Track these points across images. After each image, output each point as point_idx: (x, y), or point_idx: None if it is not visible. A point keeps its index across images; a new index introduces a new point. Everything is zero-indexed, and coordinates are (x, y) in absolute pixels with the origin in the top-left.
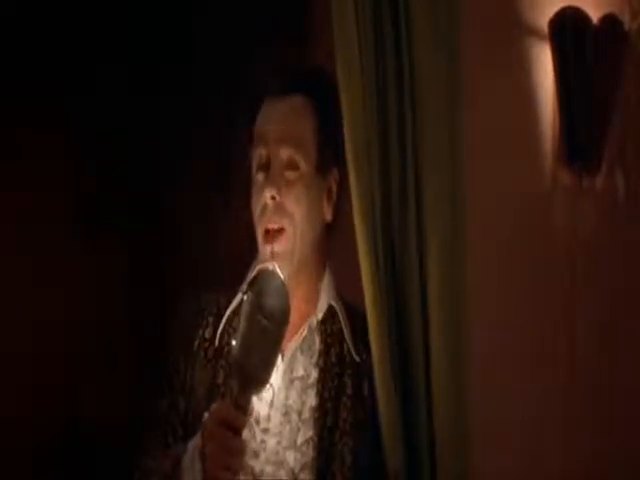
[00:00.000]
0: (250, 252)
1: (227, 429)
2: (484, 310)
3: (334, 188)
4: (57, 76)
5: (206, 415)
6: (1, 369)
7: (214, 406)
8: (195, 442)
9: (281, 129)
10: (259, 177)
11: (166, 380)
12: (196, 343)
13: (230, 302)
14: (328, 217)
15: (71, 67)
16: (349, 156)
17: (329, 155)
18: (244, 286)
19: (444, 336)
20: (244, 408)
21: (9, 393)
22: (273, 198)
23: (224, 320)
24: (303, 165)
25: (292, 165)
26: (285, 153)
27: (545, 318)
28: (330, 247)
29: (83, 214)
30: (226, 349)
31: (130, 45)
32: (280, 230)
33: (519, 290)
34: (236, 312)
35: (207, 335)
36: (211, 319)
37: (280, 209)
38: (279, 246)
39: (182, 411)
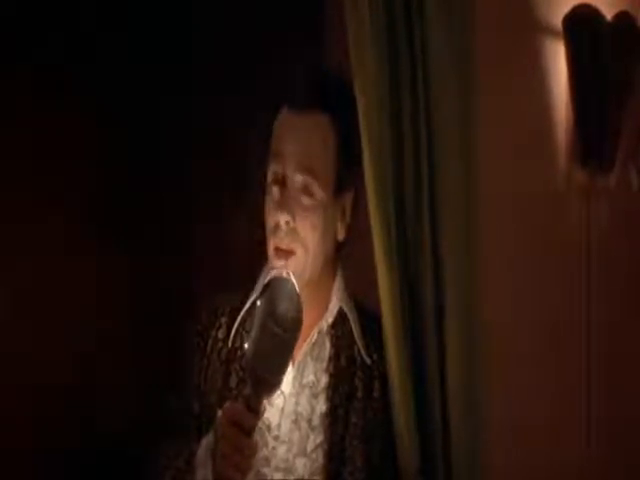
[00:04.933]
0: (260, 254)
1: (239, 429)
2: (499, 309)
3: (348, 208)
4: (68, 76)
5: (219, 413)
6: (2, 369)
7: (227, 405)
8: (208, 440)
9: (301, 154)
10: (274, 190)
11: (180, 381)
12: (209, 344)
13: (243, 303)
14: (341, 237)
15: (86, 65)
16: (365, 160)
17: (347, 177)
18: (257, 287)
19: (459, 338)
20: (256, 410)
21: (9, 393)
22: (287, 223)
23: (237, 322)
24: (319, 193)
25: (308, 191)
26: (302, 179)
27: (560, 317)
28: (342, 256)
29: (87, 214)
30: (239, 352)
31: (139, 46)
32: (291, 252)
33: (534, 288)
34: (249, 313)
35: (220, 335)
36: (224, 320)
37: (293, 233)
38: (291, 266)
39: (196, 413)
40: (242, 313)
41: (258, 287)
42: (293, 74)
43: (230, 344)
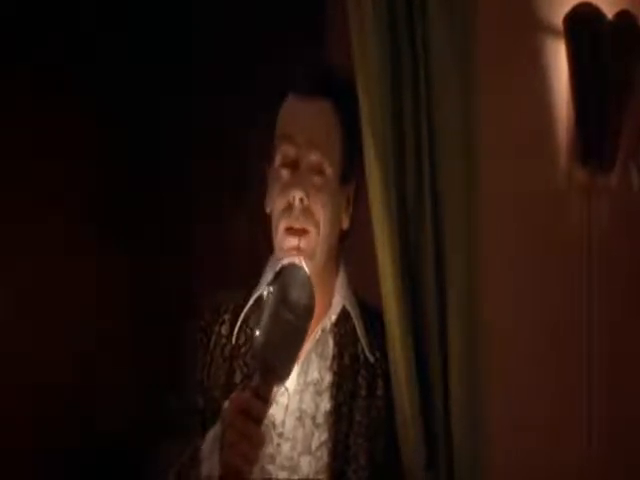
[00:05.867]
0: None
1: (247, 418)
2: (499, 309)
3: (351, 198)
4: (68, 76)
5: (226, 404)
6: (2, 369)
7: (234, 394)
8: (215, 431)
9: (312, 132)
10: (284, 174)
11: (180, 381)
12: (213, 339)
13: (246, 300)
14: (345, 226)
15: (86, 65)
16: (369, 158)
17: (351, 165)
18: (262, 282)
19: (460, 337)
20: (265, 399)
21: (9, 393)
22: (302, 200)
23: (241, 319)
24: (329, 171)
25: (319, 170)
26: (315, 157)
27: (561, 317)
28: (343, 251)
29: (87, 214)
30: (243, 349)
31: (139, 46)
32: (304, 231)
33: (535, 288)
34: (252, 311)
35: (224, 332)
36: (227, 316)
37: (307, 212)
38: (303, 244)
39: (200, 407)
40: (245, 310)
41: (263, 281)
42: (297, 64)
43: (234, 341)
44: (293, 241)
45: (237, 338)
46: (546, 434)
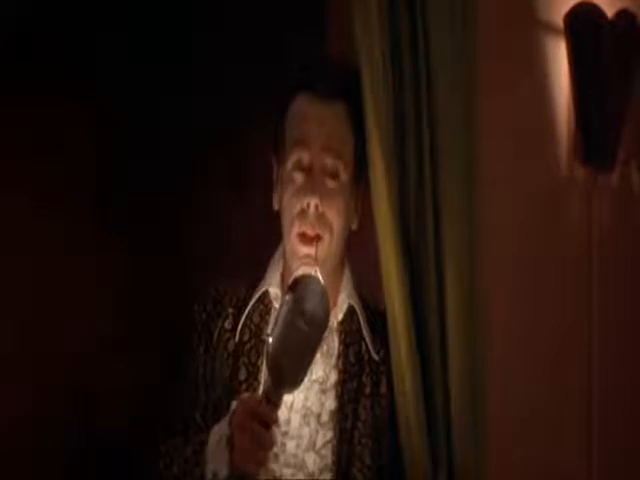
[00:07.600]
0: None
1: (258, 422)
2: (500, 308)
3: (361, 198)
4: (68, 76)
5: (234, 404)
6: (2, 369)
7: (244, 396)
8: (221, 429)
9: (327, 136)
10: (297, 177)
11: (186, 372)
12: (215, 334)
13: (249, 294)
14: (354, 226)
15: (90, 65)
16: (370, 155)
17: (362, 165)
18: (268, 277)
19: (461, 338)
20: (275, 404)
21: (9, 393)
22: (317, 207)
23: (245, 315)
24: (343, 175)
25: (333, 174)
26: (329, 161)
27: (562, 315)
28: (348, 250)
29: (87, 214)
30: (248, 345)
31: (139, 46)
32: (318, 237)
33: (535, 287)
34: (255, 308)
35: (227, 326)
36: (230, 310)
37: (321, 218)
38: (318, 252)
39: (202, 403)
40: (250, 305)
41: (267, 277)
42: (303, 61)
43: (238, 337)
44: (307, 250)
45: (241, 334)
46: (546, 434)
